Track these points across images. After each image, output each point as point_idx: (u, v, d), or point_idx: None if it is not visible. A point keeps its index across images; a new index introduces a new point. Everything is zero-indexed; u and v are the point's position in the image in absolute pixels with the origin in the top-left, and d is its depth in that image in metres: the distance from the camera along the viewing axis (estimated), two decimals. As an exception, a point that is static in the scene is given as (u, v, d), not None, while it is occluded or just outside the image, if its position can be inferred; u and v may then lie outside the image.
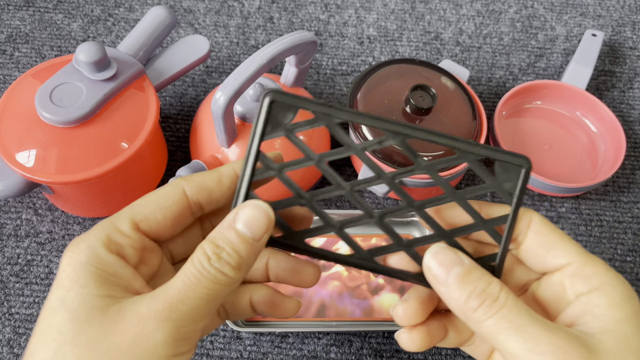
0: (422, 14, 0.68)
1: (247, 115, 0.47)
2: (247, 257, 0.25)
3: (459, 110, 0.51)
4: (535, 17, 0.69)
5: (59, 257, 0.50)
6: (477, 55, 0.65)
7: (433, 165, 0.28)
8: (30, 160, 0.44)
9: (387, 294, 0.48)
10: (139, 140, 0.46)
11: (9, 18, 0.65)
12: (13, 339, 0.46)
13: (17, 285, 0.49)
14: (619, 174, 0.58)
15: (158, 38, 0.52)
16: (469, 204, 0.28)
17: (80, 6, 0.66)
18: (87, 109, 0.44)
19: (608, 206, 0.56)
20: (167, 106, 0.60)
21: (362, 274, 0.48)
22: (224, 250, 0.25)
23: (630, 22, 0.69)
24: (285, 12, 0.67)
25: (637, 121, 0.61)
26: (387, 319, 0.46)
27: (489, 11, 0.69)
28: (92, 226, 0.51)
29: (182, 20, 0.66)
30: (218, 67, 0.63)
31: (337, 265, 0.48)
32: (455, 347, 0.31)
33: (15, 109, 0.46)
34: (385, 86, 0.52)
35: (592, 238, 0.54)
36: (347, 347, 0.47)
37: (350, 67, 0.64)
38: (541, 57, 0.66)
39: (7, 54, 0.62)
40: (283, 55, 0.43)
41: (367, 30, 0.67)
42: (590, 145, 0.58)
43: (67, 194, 0.48)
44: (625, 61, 0.66)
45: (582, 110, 0.60)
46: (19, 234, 0.51)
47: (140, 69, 0.48)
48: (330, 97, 0.61)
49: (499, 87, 0.63)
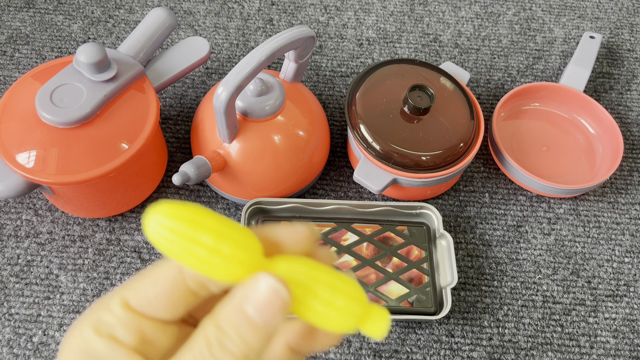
0: (421, 16, 0.69)
1: (248, 110, 0.47)
2: (256, 346, 0.21)
3: (457, 111, 0.52)
4: (533, 19, 0.69)
5: (59, 257, 0.50)
6: (475, 57, 0.66)
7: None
8: (31, 160, 0.44)
9: (395, 284, 0.48)
10: (139, 141, 0.46)
11: (9, 19, 0.65)
12: (13, 339, 0.46)
13: (17, 286, 0.49)
14: (617, 176, 0.58)
15: (158, 40, 0.52)
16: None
17: (80, 8, 0.66)
18: (88, 110, 0.45)
19: (606, 207, 0.56)
20: (167, 107, 0.60)
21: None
22: (229, 336, 0.21)
23: (628, 25, 0.69)
24: (284, 14, 0.68)
25: (634, 123, 0.62)
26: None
27: (488, 13, 0.69)
28: (92, 227, 0.51)
29: (182, 21, 0.66)
30: (218, 69, 0.63)
31: (346, 255, 0.49)
32: None
33: (15, 110, 0.46)
34: (384, 86, 0.52)
35: (590, 239, 0.54)
36: (346, 347, 0.47)
37: (350, 68, 0.64)
38: (539, 59, 0.66)
39: (8, 55, 0.62)
40: (282, 50, 0.43)
41: (366, 32, 0.67)
42: (588, 146, 0.59)
43: (67, 195, 0.48)
44: (623, 63, 0.66)
45: (580, 112, 0.60)
46: (19, 234, 0.51)
47: (140, 70, 0.48)
48: (329, 98, 0.61)
49: (497, 89, 0.63)
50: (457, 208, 0.55)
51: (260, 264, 0.23)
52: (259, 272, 0.22)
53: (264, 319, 0.21)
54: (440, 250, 0.50)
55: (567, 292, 0.51)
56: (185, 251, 0.22)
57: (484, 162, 0.58)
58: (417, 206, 0.52)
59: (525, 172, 0.53)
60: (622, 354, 0.48)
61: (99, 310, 0.23)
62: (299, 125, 0.50)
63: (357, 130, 0.50)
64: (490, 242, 0.53)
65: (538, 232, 0.54)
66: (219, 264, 0.22)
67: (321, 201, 0.51)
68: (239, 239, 0.22)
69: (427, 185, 0.50)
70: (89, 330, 0.22)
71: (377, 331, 0.23)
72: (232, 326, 0.21)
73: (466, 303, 0.50)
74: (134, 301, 0.23)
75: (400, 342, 0.48)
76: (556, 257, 0.53)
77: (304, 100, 0.52)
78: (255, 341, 0.21)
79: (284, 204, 0.51)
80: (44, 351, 0.46)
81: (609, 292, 0.51)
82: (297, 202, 0.51)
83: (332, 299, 0.22)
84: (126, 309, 0.23)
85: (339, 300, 0.22)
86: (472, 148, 0.51)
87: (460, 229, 0.54)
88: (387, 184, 0.49)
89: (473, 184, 0.57)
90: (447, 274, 0.49)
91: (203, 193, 0.55)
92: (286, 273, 0.23)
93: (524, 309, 0.50)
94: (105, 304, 0.23)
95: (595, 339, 0.49)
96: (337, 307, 0.22)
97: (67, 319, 0.48)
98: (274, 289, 0.21)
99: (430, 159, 0.49)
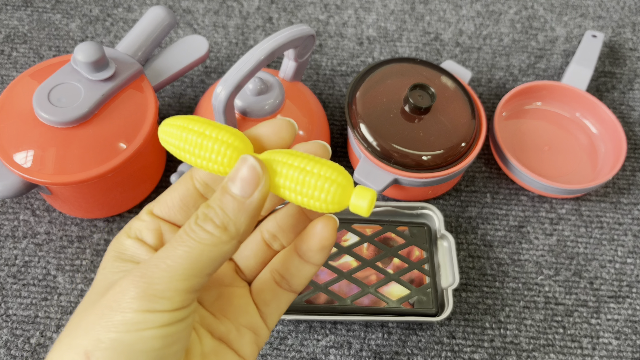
0: (422, 15, 0.68)
1: (248, 109, 0.47)
2: (234, 216, 0.24)
3: (458, 110, 0.51)
4: (535, 18, 0.69)
5: (57, 258, 0.50)
6: (477, 56, 0.65)
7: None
8: (28, 160, 0.44)
9: (396, 285, 0.47)
10: (138, 140, 0.46)
11: (7, 18, 0.64)
12: (10, 340, 0.46)
13: (14, 287, 0.48)
14: (619, 176, 0.57)
15: (157, 38, 0.51)
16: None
17: (78, 6, 0.66)
18: (86, 109, 0.44)
19: (608, 208, 0.55)
20: (165, 106, 0.59)
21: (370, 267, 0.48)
22: (212, 209, 0.24)
23: (630, 23, 0.69)
24: (284, 13, 0.67)
25: (637, 122, 0.61)
26: (396, 309, 0.46)
27: (489, 12, 0.69)
28: (90, 227, 0.51)
29: (181, 20, 0.66)
30: (217, 68, 0.62)
31: (347, 256, 0.49)
32: None
33: (13, 109, 0.46)
34: (384, 85, 0.52)
35: (592, 240, 0.54)
36: (347, 349, 0.47)
37: (350, 67, 0.63)
38: (541, 58, 0.66)
39: (5, 54, 0.62)
40: (282, 49, 0.43)
41: (366, 31, 0.66)
42: (591, 146, 0.58)
43: (65, 195, 0.47)
44: (625, 62, 0.66)
45: (582, 112, 0.59)
46: (16, 235, 0.51)
47: (138, 69, 0.48)
48: (329, 97, 0.61)
49: (498, 88, 0.63)
50: (459, 208, 0.55)
51: (249, 153, 0.26)
52: (241, 156, 0.25)
53: (242, 192, 0.24)
54: (441, 251, 0.50)
55: (569, 293, 0.51)
56: (187, 141, 0.26)
57: (486, 162, 0.58)
58: (418, 206, 0.51)
59: (527, 172, 0.52)
60: (625, 356, 0.48)
61: (132, 221, 0.28)
62: (299, 125, 0.50)
63: (357, 130, 0.50)
64: (491, 243, 0.53)
65: (540, 233, 0.54)
66: (213, 148, 0.25)
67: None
68: (230, 130, 0.26)
69: (428, 185, 0.50)
70: (122, 235, 0.28)
71: (361, 208, 0.25)
72: (216, 201, 0.25)
73: (467, 304, 0.50)
74: (157, 209, 0.28)
75: (401, 344, 0.48)
76: (558, 257, 0.52)
77: (303, 100, 0.51)
78: (234, 212, 0.24)
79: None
80: (41, 353, 0.46)
81: (612, 293, 0.51)
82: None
83: (306, 178, 0.25)
84: (150, 214, 0.28)
85: (312, 179, 0.25)
86: (474, 148, 0.50)
87: (461, 229, 0.54)
88: (387, 184, 0.49)
89: (474, 184, 0.56)
90: (448, 275, 0.49)
91: (202, 193, 0.54)
92: (266, 157, 0.26)
93: (526, 310, 0.50)
94: (137, 216, 0.29)
95: (597, 341, 0.49)
96: (311, 185, 0.25)
97: (64, 320, 0.47)
98: (251, 165, 0.25)
99: (432, 158, 0.49)
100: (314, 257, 0.29)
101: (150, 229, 0.28)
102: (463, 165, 0.50)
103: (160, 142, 0.28)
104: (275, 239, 0.31)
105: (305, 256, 0.29)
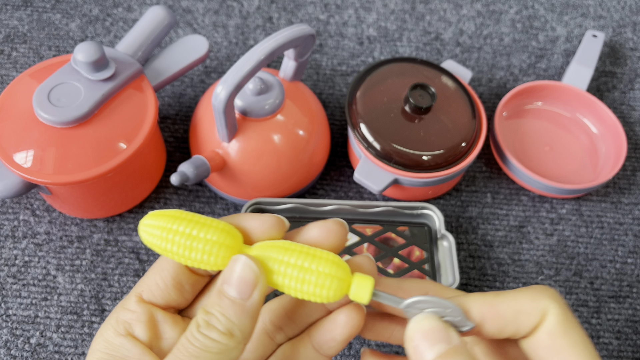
0: (422, 14, 0.68)
1: (248, 109, 0.47)
2: (238, 320, 0.23)
3: (458, 110, 0.51)
4: (535, 17, 0.69)
5: (57, 258, 0.50)
6: (477, 55, 0.65)
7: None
8: (28, 160, 0.44)
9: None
10: (138, 140, 0.46)
11: (6, 18, 0.64)
12: (10, 340, 0.46)
13: (14, 287, 0.48)
14: (620, 176, 0.57)
15: (157, 38, 0.51)
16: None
17: (78, 6, 0.66)
18: (86, 109, 0.44)
19: (609, 208, 0.55)
20: (165, 106, 0.59)
21: None
22: (213, 315, 0.23)
23: (631, 23, 0.69)
24: (284, 12, 0.67)
25: (638, 122, 0.61)
26: None
27: (490, 12, 0.69)
28: (90, 227, 0.51)
29: (181, 20, 0.66)
30: (217, 68, 0.62)
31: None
32: None
33: (12, 109, 0.45)
34: (385, 84, 0.52)
35: (592, 240, 0.54)
36: (347, 348, 0.47)
37: (350, 67, 0.63)
38: (542, 57, 0.66)
39: (5, 53, 0.62)
40: (282, 48, 0.43)
41: (367, 31, 0.66)
42: (591, 146, 0.58)
43: (65, 195, 0.47)
44: (626, 62, 0.66)
45: (582, 111, 0.59)
46: (16, 235, 0.51)
47: (138, 69, 0.48)
48: (330, 97, 0.61)
49: (499, 88, 0.63)
50: (459, 208, 0.55)
51: (240, 249, 0.25)
52: (234, 255, 0.25)
53: (241, 294, 0.24)
54: (441, 251, 0.50)
55: (569, 293, 0.51)
56: (173, 243, 0.25)
57: (486, 162, 0.58)
58: (418, 206, 0.51)
59: (528, 172, 0.52)
60: (625, 355, 0.48)
61: (118, 310, 0.26)
62: (299, 125, 0.50)
63: (357, 130, 0.50)
64: (492, 243, 0.53)
65: (540, 233, 0.54)
66: (201, 249, 0.24)
67: (321, 201, 0.51)
68: (217, 226, 0.25)
69: (429, 185, 0.50)
70: (109, 331, 0.25)
71: (361, 298, 0.25)
72: (215, 306, 0.24)
73: (468, 304, 0.50)
74: (146, 293, 0.26)
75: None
76: (559, 257, 0.52)
77: (303, 99, 0.51)
78: (236, 316, 0.23)
79: (284, 204, 0.51)
80: (41, 353, 0.46)
81: (612, 293, 0.51)
82: (297, 202, 0.50)
83: (305, 276, 0.25)
84: (140, 302, 0.26)
85: (312, 277, 0.25)
86: (474, 148, 0.50)
87: (462, 229, 0.53)
88: (388, 184, 0.49)
89: (475, 184, 0.56)
90: (448, 275, 0.49)
91: (202, 193, 0.54)
92: (260, 253, 0.25)
93: (526, 310, 0.50)
94: (123, 304, 0.26)
95: (598, 340, 0.49)
96: (311, 282, 0.25)
97: (64, 320, 0.47)
98: (246, 265, 0.24)
99: (432, 158, 0.49)
100: (334, 348, 0.28)
101: (142, 320, 0.25)
102: (463, 165, 0.49)
103: (143, 241, 0.26)
104: (280, 331, 0.29)
105: (322, 348, 0.28)
